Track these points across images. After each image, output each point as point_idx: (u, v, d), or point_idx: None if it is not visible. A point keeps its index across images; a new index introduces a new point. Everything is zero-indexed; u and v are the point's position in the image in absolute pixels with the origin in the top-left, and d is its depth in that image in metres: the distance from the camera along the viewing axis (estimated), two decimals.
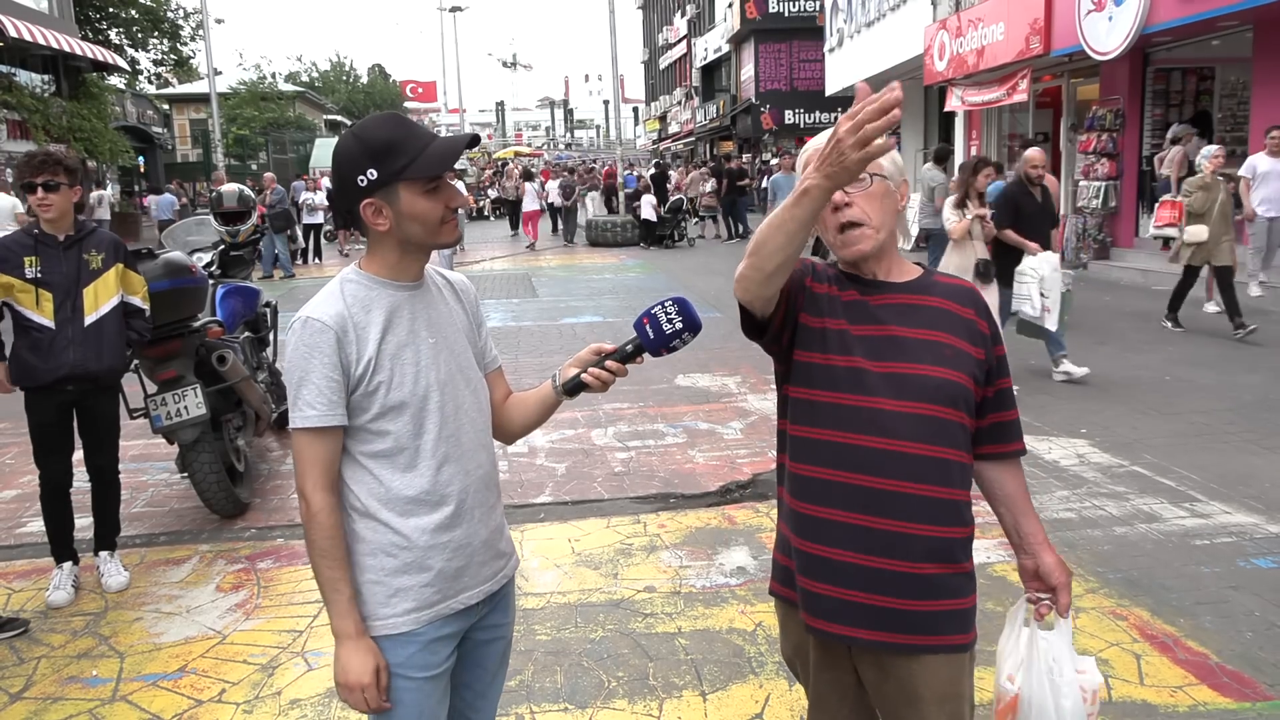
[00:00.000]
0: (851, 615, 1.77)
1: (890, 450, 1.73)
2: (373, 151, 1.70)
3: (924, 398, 1.73)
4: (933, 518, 1.74)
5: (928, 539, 1.74)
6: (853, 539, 1.75)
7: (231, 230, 6.38)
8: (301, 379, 1.72)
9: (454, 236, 1.81)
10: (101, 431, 4.21)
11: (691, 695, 3.16)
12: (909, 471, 1.72)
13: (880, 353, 1.75)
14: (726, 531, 4.55)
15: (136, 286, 4.23)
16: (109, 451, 4.26)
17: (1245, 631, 3.44)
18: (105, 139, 22.93)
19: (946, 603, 1.77)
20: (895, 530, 1.73)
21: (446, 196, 1.76)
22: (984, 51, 15.20)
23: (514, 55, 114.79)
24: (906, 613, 1.75)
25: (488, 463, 1.91)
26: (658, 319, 1.84)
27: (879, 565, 1.74)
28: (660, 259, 18.07)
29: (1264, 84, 10.96)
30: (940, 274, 1.88)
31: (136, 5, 30.87)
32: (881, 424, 1.73)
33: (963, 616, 1.79)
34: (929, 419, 1.73)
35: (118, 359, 4.13)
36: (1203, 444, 5.59)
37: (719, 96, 38.86)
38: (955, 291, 1.83)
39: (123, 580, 4.19)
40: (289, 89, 44.40)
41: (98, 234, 4.11)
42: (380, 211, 1.74)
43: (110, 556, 4.27)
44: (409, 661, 1.80)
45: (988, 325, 1.82)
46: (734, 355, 8.46)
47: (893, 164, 1.79)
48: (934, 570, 1.75)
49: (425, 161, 1.71)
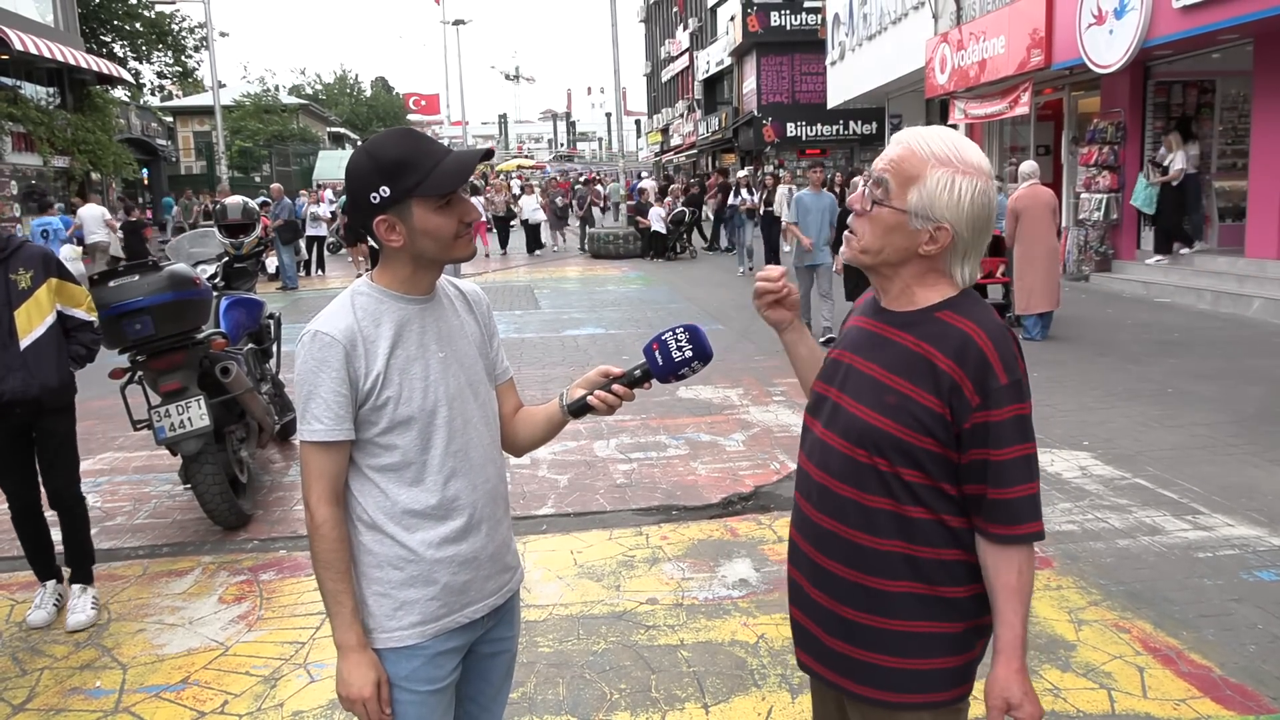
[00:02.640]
0: (801, 638, 1.80)
1: (821, 484, 1.70)
2: (385, 168, 1.71)
3: (848, 437, 1.65)
4: (855, 562, 1.65)
5: (849, 582, 1.67)
6: (798, 562, 1.78)
7: (235, 242, 6.42)
8: (310, 393, 1.72)
9: (468, 251, 1.80)
10: (52, 453, 3.96)
11: (694, 707, 3.15)
12: (833, 508, 1.68)
13: (843, 382, 1.71)
14: (729, 543, 4.55)
15: (78, 298, 4.00)
16: (63, 474, 4.01)
17: (1249, 644, 3.43)
18: (109, 151, 23.06)
19: (872, 655, 1.66)
20: (821, 564, 1.71)
21: (460, 211, 1.76)
22: (985, 64, 15.25)
23: (516, 68, 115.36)
24: (831, 650, 1.72)
25: (496, 476, 1.91)
26: (668, 345, 1.81)
27: (814, 595, 1.74)
28: (662, 271, 18.09)
29: (1264, 97, 10.99)
30: (955, 313, 1.62)
31: (141, 18, 31.06)
32: (821, 455, 1.72)
33: (898, 676, 1.64)
34: (851, 460, 1.65)
35: (60, 379, 3.88)
36: (1205, 456, 5.59)
37: (721, 109, 38.95)
38: (946, 335, 1.59)
39: (82, 619, 3.90)
40: (292, 101, 44.63)
41: (24, 251, 3.86)
42: (394, 228, 1.74)
43: (82, 591, 4.03)
44: (414, 675, 1.80)
45: (972, 382, 1.55)
46: (736, 367, 8.47)
47: (921, 200, 1.59)
48: (854, 616, 1.67)
49: (438, 178, 1.71)
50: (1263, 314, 10.14)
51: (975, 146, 1.64)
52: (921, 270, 1.65)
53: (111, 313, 4.33)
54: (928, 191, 1.58)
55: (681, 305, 13.14)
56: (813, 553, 1.73)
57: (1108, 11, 12.03)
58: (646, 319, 11.89)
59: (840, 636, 1.69)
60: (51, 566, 4.10)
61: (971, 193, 1.58)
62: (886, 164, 1.63)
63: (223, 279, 6.09)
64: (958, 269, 1.65)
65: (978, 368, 1.56)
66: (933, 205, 1.58)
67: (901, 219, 1.61)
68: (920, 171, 1.59)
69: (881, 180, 1.63)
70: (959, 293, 1.66)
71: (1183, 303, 11.29)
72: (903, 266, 1.65)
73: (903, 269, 1.65)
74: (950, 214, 1.59)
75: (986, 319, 1.60)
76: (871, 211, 1.64)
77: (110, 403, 5.72)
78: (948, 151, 1.59)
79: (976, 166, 1.60)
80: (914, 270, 1.65)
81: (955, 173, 1.58)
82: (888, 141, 1.66)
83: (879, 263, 1.66)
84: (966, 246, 1.63)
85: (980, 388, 1.55)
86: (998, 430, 1.55)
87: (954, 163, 1.58)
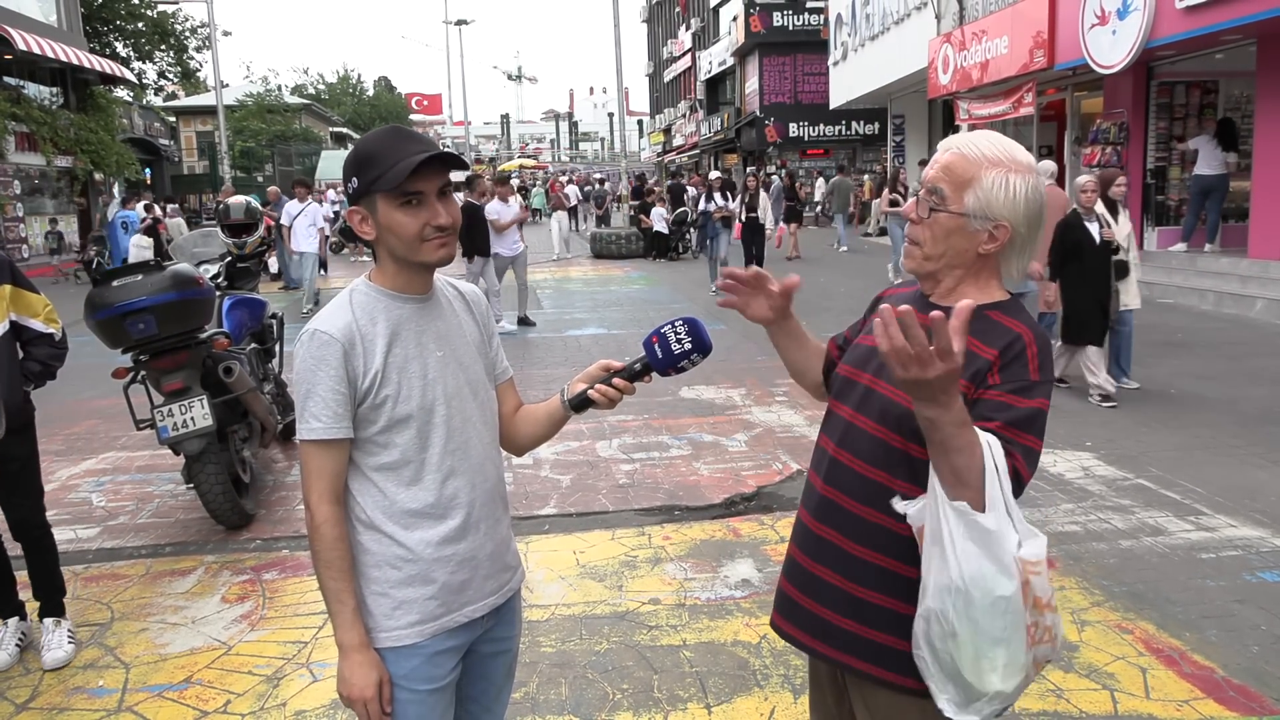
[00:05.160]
0: (788, 610, 1.82)
1: (839, 460, 1.74)
2: (357, 160, 1.74)
3: (885, 421, 1.67)
4: (868, 540, 1.68)
5: (859, 559, 1.69)
6: (803, 539, 1.81)
7: (238, 242, 6.43)
8: (308, 391, 1.73)
9: (437, 256, 1.76)
10: (12, 481, 3.60)
11: (696, 708, 3.15)
12: (849, 486, 1.71)
13: (879, 369, 1.72)
14: (731, 544, 4.55)
15: (36, 307, 3.60)
16: (25, 501, 3.66)
17: (1252, 645, 3.43)
18: (112, 151, 23.09)
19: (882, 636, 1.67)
20: (828, 539, 1.74)
21: (429, 214, 1.73)
22: (988, 65, 15.25)
23: (519, 68, 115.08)
24: (829, 624, 1.73)
25: (495, 475, 1.91)
26: (667, 339, 1.82)
27: (812, 569, 1.77)
28: (664, 271, 18.09)
29: (1267, 97, 10.97)
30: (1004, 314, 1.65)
31: (144, 18, 31.10)
32: (843, 433, 1.75)
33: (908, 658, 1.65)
34: (878, 440, 1.67)
35: (11, 396, 3.47)
36: (1208, 457, 5.58)
37: (723, 109, 38.98)
38: (995, 330, 1.62)
39: (60, 656, 3.56)
40: (295, 101, 44.67)
41: None
42: (365, 220, 1.77)
43: (56, 625, 3.67)
44: (413, 674, 1.80)
45: (1000, 371, 1.58)
46: (739, 368, 8.46)
47: (978, 201, 1.62)
48: (864, 595, 1.69)
49: (392, 174, 1.69)
50: (1266, 315, 10.13)
51: (1021, 146, 1.69)
52: (977, 269, 1.69)
53: (115, 312, 4.34)
54: (984, 192, 1.62)
55: (683, 305, 13.14)
56: (815, 525, 1.77)
57: (1111, 12, 12.03)
58: (649, 319, 11.90)
59: (845, 612, 1.71)
60: (13, 603, 3.71)
61: (1026, 189, 1.62)
62: (938, 171, 1.67)
63: (225, 279, 6.10)
64: (1014, 264, 1.69)
65: (1014, 361, 1.59)
66: (990, 205, 1.63)
67: (960, 222, 1.64)
68: (974, 174, 1.63)
69: (936, 189, 1.66)
70: (1008, 299, 1.70)
71: (1185, 303, 11.27)
72: (959, 266, 1.69)
73: (958, 268, 1.69)
74: (1008, 211, 1.63)
75: (1034, 325, 1.65)
76: (929, 219, 1.67)
77: (113, 402, 5.73)
78: (998, 153, 1.64)
79: (1027, 165, 1.64)
80: (970, 269, 1.69)
81: (1008, 171, 1.62)
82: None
83: (942, 266, 1.70)
84: (1024, 242, 1.66)
85: (1007, 374, 1.58)
86: (1016, 414, 1.55)
87: (1005, 162, 1.63)
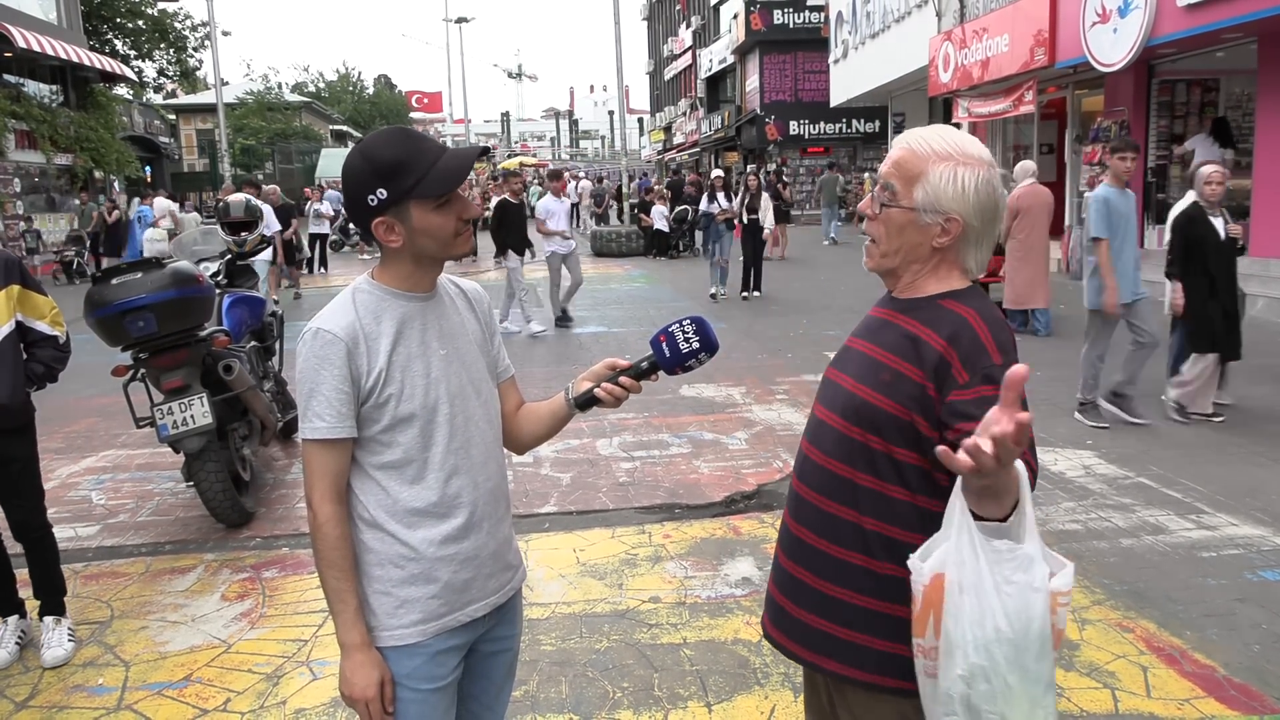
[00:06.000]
0: (774, 614, 1.82)
1: (809, 457, 1.75)
2: (381, 170, 1.70)
3: (839, 410, 1.69)
4: (834, 536, 1.68)
5: (827, 555, 1.69)
6: (784, 539, 1.82)
7: (238, 240, 6.42)
8: (311, 390, 1.72)
9: (467, 248, 1.84)
10: (13, 481, 3.61)
11: (697, 706, 3.15)
12: (817, 482, 1.72)
13: (844, 364, 1.77)
14: (731, 542, 4.55)
15: (42, 309, 3.61)
16: (26, 502, 3.67)
17: (1252, 644, 3.42)
18: (112, 149, 23.06)
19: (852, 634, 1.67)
20: (801, 537, 1.74)
21: (458, 209, 1.76)
22: (989, 63, 15.23)
23: (519, 66, 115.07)
24: (807, 626, 1.73)
25: (497, 474, 1.91)
26: (675, 337, 1.81)
27: (789, 567, 1.77)
28: (665, 270, 18.08)
29: (1268, 96, 10.96)
30: (958, 301, 1.64)
31: (144, 16, 31.08)
32: (814, 430, 1.77)
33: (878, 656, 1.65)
34: (841, 434, 1.68)
35: (14, 397, 3.49)
36: (1209, 456, 5.58)
37: (724, 107, 38.93)
38: (943, 318, 1.61)
39: (60, 654, 3.58)
40: (295, 99, 44.66)
41: None
42: (393, 229, 1.74)
43: (56, 623, 3.70)
44: (415, 673, 1.80)
45: (961, 361, 1.55)
46: (739, 366, 8.46)
47: (927, 195, 1.62)
48: (832, 592, 1.68)
49: (435, 178, 1.70)
50: (1267, 313, 10.12)
51: (975, 140, 1.70)
52: (935, 263, 1.69)
53: (114, 310, 4.33)
54: (932, 186, 1.63)
55: (685, 304, 13.13)
56: (791, 523, 1.78)
57: (1112, 10, 12.01)
58: (650, 317, 11.89)
59: (812, 609, 1.72)
60: (13, 601, 3.74)
61: (975, 182, 1.63)
62: (889, 167, 1.69)
63: (225, 276, 6.09)
64: (971, 257, 1.69)
65: (970, 349, 1.56)
66: (939, 199, 1.63)
67: (911, 216, 1.65)
68: (923, 168, 1.64)
69: (887, 184, 1.68)
70: (966, 286, 1.70)
71: None
72: (916, 260, 1.69)
73: (915, 262, 1.70)
74: (957, 204, 1.63)
75: (986, 309, 1.64)
76: (881, 214, 1.69)
77: (113, 400, 5.73)
78: (947, 147, 1.65)
79: (977, 157, 1.65)
80: (928, 263, 1.69)
81: (957, 165, 1.63)
82: (890, 140, 1.68)
83: (900, 263, 1.70)
84: (978, 235, 1.66)
85: (970, 366, 1.55)
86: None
87: (954, 156, 1.64)
